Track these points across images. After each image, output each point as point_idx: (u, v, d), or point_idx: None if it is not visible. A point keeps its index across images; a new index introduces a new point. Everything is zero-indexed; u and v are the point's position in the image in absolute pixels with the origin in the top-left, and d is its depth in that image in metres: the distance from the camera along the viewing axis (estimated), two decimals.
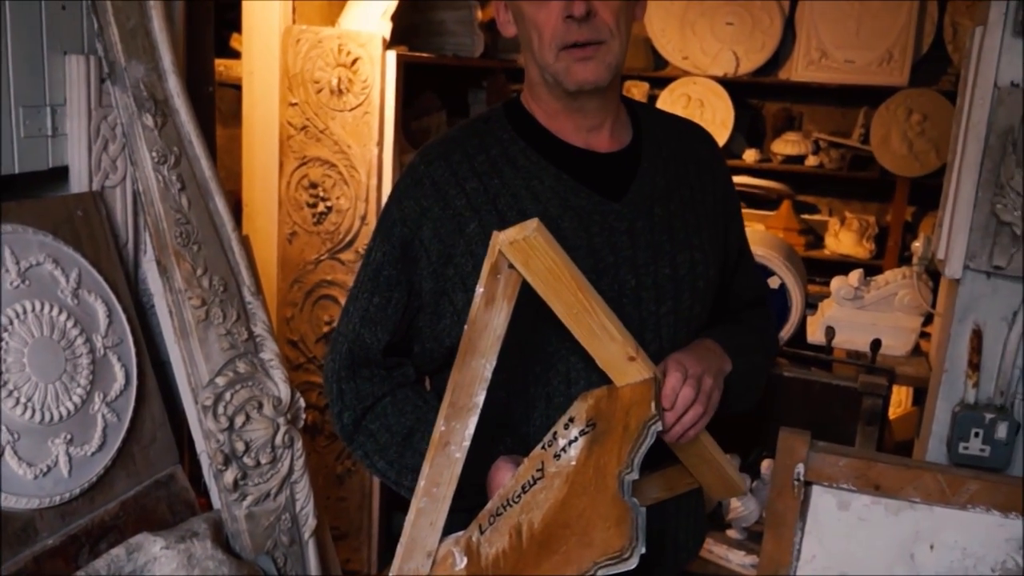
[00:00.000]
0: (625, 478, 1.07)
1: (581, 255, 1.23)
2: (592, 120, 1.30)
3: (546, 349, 1.26)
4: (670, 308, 1.29)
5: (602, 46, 1.21)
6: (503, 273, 1.12)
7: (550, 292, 1.11)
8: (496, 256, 1.12)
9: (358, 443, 1.34)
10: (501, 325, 1.14)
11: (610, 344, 1.15)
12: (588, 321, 1.13)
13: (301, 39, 2.64)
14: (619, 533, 1.02)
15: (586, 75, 1.22)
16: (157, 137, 1.67)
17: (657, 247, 1.29)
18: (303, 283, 2.84)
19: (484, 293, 1.13)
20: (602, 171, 1.31)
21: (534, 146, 1.30)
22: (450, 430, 1.16)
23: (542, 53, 1.23)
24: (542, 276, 1.10)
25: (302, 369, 2.89)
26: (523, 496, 1.16)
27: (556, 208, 1.25)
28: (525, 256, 1.08)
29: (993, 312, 1.45)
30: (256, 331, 1.79)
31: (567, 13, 1.19)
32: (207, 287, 1.69)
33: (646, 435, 1.10)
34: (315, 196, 2.75)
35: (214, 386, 1.69)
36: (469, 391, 1.15)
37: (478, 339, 1.14)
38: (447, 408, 1.16)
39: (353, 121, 2.67)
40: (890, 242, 4.43)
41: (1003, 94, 1.36)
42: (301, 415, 1.87)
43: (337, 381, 1.34)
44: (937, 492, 1.40)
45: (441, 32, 3.20)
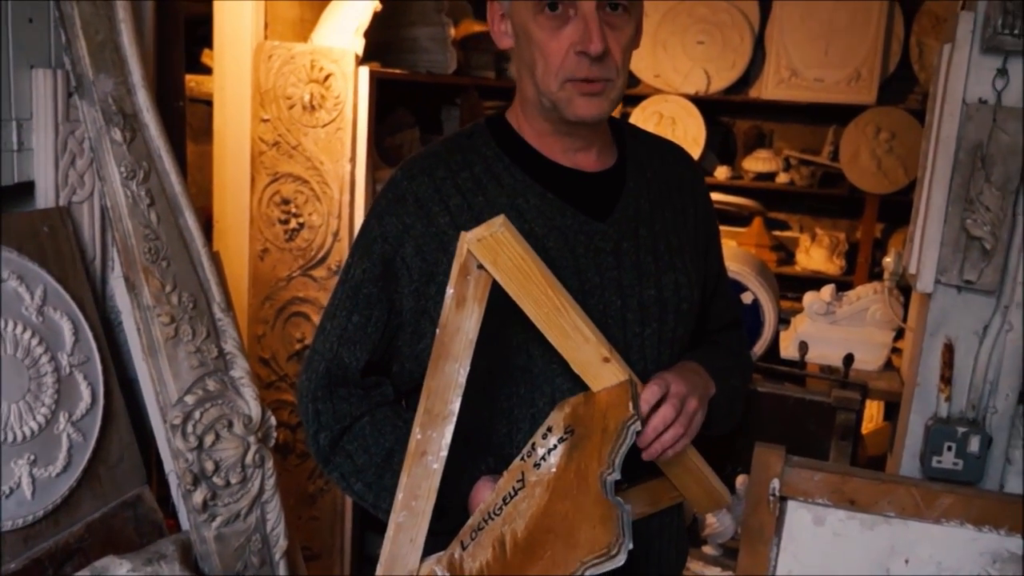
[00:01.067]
0: (607, 479, 1.06)
1: (567, 275, 1.21)
2: (581, 143, 1.29)
3: (532, 370, 1.24)
4: (655, 330, 1.28)
5: (608, 83, 1.20)
6: (472, 274, 1.11)
7: (520, 291, 1.10)
8: (464, 256, 1.10)
9: (335, 464, 1.30)
10: (473, 328, 1.12)
11: (584, 345, 1.14)
12: (560, 321, 1.12)
13: (273, 55, 2.62)
14: (605, 530, 1.02)
15: (590, 111, 1.20)
16: (126, 152, 1.65)
17: (642, 268, 1.28)
18: (275, 300, 2.81)
19: (454, 295, 1.12)
20: (588, 191, 1.29)
21: (519, 164, 1.28)
22: (426, 439, 1.14)
23: (546, 80, 1.20)
24: (511, 274, 1.09)
25: (273, 387, 2.86)
26: (504, 508, 1.15)
27: (541, 227, 1.24)
28: (493, 254, 1.08)
29: (964, 326, 1.46)
30: (226, 348, 1.76)
31: (581, 49, 1.16)
32: (176, 304, 1.66)
33: (625, 435, 1.09)
34: (287, 212, 2.72)
35: (183, 404, 1.66)
36: (444, 398, 1.14)
37: (450, 343, 1.13)
38: (422, 416, 1.14)
39: (326, 137, 2.65)
40: (860, 258, 4.48)
41: (971, 110, 1.38)
42: (272, 434, 1.85)
43: (313, 401, 1.30)
44: (911, 506, 1.40)
45: (414, 49, 3.19)
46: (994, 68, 1.38)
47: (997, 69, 1.37)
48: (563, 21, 1.17)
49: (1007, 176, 1.36)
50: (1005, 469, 1.52)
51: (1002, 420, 1.48)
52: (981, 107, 1.37)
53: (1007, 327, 1.43)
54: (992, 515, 1.39)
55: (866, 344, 2.10)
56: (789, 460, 1.48)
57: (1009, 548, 1.41)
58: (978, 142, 1.37)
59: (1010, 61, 1.36)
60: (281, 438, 2.79)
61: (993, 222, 1.36)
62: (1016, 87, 1.37)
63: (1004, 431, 1.49)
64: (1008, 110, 1.36)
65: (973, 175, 1.36)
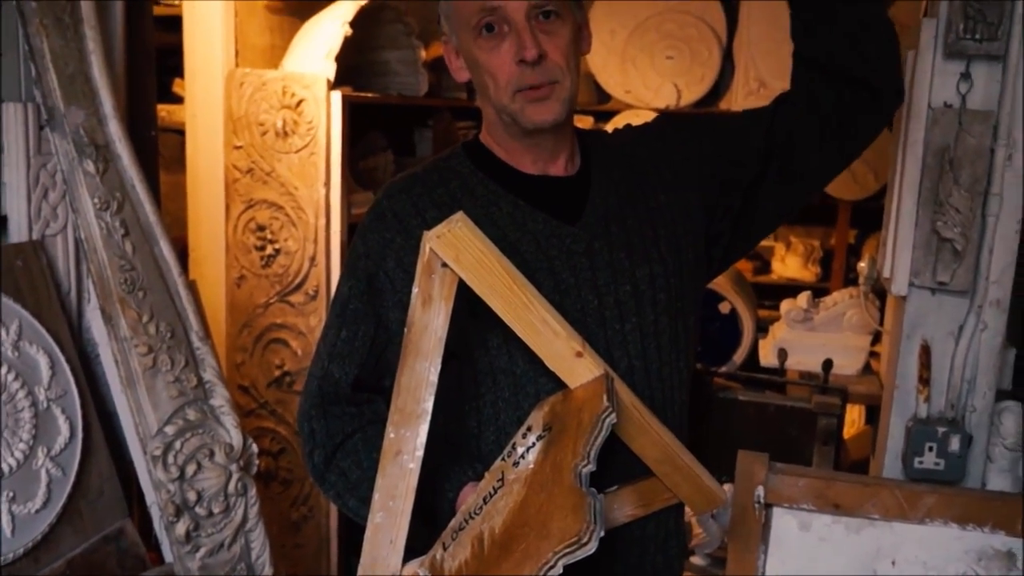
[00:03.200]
0: (582, 470, 1.06)
1: (542, 277, 1.24)
2: (548, 152, 1.33)
3: (515, 372, 1.26)
4: (634, 325, 1.30)
5: (556, 85, 1.24)
6: (437, 272, 1.12)
7: (484, 287, 1.11)
8: (427, 254, 1.12)
9: (329, 482, 1.33)
10: (441, 327, 1.13)
11: (554, 340, 1.15)
12: (528, 316, 1.13)
13: (245, 82, 2.62)
14: (575, 519, 1.02)
15: (543, 115, 1.25)
16: (99, 183, 1.64)
17: (616, 266, 1.30)
18: (253, 327, 2.79)
19: (419, 293, 1.13)
20: (558, 196, 1.33)
21: (492, 177, 1.32)
22: (400, 438, 1.15)
23: (498, 96, 1.26)
24: (474, 270, 1.10)
25: (254, 415, 2.84)
26: (484, 507, 1.15)
27: (514, 233, 1.27)
28: (455, 251, 1.09)
29: (940, 327, 1.47)
30: (206, 377, 1.75)
31: (519, 58, 1.22)
32: (154, 334, 1.65)
33: (600, 428, 1.09)
34: (263, 239, 2.72)
35: (163, 435, 1.64)
36: (416, 396, 1.14)
37: (419, 341, 1.14)
38: (395, 415, 1.15)
39: (299, 162, 2.65)
40: (835, 264, 4.51)
41: (937, 114, 1.40)
42: (254, 461, 1.83)
43: (308, 420, 1.33)
44: (895, 508, 1.41)
45: (385, 72, 3.21)
46: (957, 73, 1.40)
47: (960, 73, 1.40)
48: (500, 39, 1.23)
49: (975, 178, 1.38)
50: (986, 467, 1.53)
51: (981, 418, 1.50)
52: (947, 111, 1.40)
53: (982, 326, 1.45)
54: (976, 513, 1.40)
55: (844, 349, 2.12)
56: (772, 467, 1.48)
57: (994, 545, 1.42)
58: (945, 145, 1.39)
59: (973, 65, 1.39)
60: (263, 466, 2.77)
61: (963, 224, 1.38)
62: (980, 90, 1.40)
63: (983, 429, 1.50)
64: (973, 113, 1.39)
65: (942, 178, 1.39)
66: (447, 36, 1.32)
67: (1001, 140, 1.39)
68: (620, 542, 1.30)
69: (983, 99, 1.40)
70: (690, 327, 1.37)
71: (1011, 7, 1.34)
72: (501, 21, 1.22)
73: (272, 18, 2.88)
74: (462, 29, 1.26)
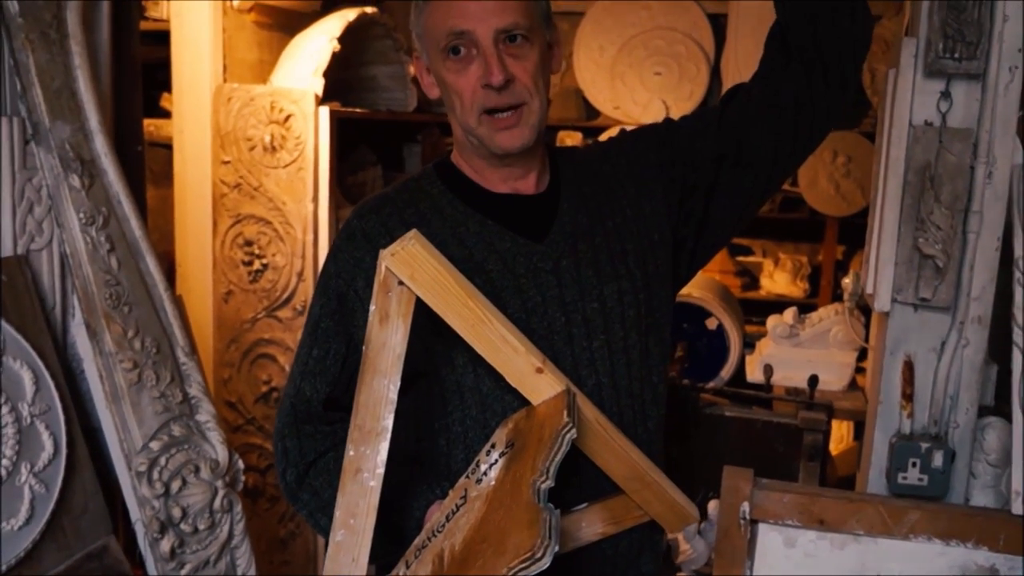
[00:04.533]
0: (540, 486, 1.06)
1: (508, 295, 1.25)
2: (517, 171, 1.34)
3: (481, 390, 1.26)
4: (603, 342, 1.30)
5: (523, 108, 1.24)
6: (393, 291, 1.13)
7: (441, 304, 1.11)
8: (383, 272, 1.12)
9: (302, 501, 1.33)
10: (399, 344, 1.14)
11: (514, 357, 1.15)
12: (486, 333, 1.13)
13: (233, 97, 2.62)
14: (530, 534, 1.02)
15: (511, 142, 1.25)
16: (84, 198, 1.64)
17: (583, 283, 1.30)
18: (240, 343, 2.78)
19: (376, 311, 1.14)
20: (527, 214, 1.33)
21: (461, 197, 1.32)
22: (360, 456, 1.14)
23: (464, 117, 1.26)
24: (430, 288, 1.11)
25: (241, 431, 2.82)
26: (447, 524, 1.16)
27: (481, 252, 1.28)
28: (410, 268, 1.10)
29: (923, 343, 1.48)
30: (191, 392, 1.74)
31: (485, 82, 1.22)
32: (139, 349, 1.65)
33: (560, 443, 1.09)
34: (250, 254, 2.71)
35: (148, 451, 1.64)
36: (375, 413, 1.14)
37: (377, 358, 1.14)
38: (354, 432, 1.15)
39: (287, 178, 2.65)
40: (823, 281, 4.53)
41: (918, 132, 1.42)
42: (240, 477, 1.83)
43: (282, 439, 1.34)
44: (880, 523, 1.42)
45: (374, 88, 3.22)
46: (937, 91, 1.42)
47: (940, 92, 1.41)
48: (467, 62, 1.23)
49: (955, 195, 1.40)
50: (969, 482, 1.54)
51: (964, 434, 1.50)
52: (927, 129, 1.41)
53: (964, 342, 1.46)
54: (959, 529, 1.40)
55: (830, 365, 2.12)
56: (758, 483, 1.49)
57: (977, 561, 1.42)
58: (926, 163, 1.40)
59: (953, 84, 1.40)
60: (251, 482, 2.76)
61: (944, 240, 1.39)
62: (960, 109, 1.41)
63: (966, 445, 1.51)
64: (953, 131, 1.40)
65: (923, 195, 1.40)
66: (419, 53, 1.32)
67: (981, 158, 1.40)
68: (591, 560, 1.29)
69: (963, 117, 1.41)
70: (663, 340, 1.37)
71: (990, 27, 1.35)
72: (469, 44, 1.22)
73: (260, 33, 2.88)
74: (431, 48, 1.27)
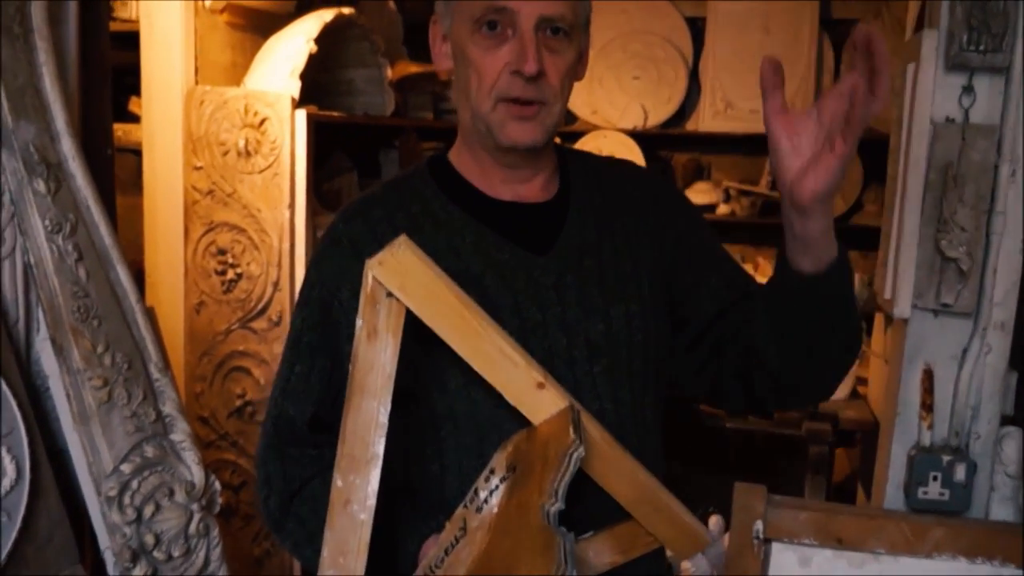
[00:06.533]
0: (550, 509, 0.98)
1: (506, 315, 1.15)
2: (523, 173, 1.24)
3: (477, 417, 1.16)
4: (606, 367, 1.20)
5: (544, 107, 1.15)
6: (382, 303, 1.04)
7: (434, 316, 1.04)
8: (371, 283, 1.04)
9: (287, 532, 1.22)
10: (389, 362, 1.05)
11: (512, 371, 1.07)
12: (483, 346, 1.05)
13: (205, 100, 2.52)
14: (545, 561, 0.94)
15: (523, 136, 1.16)
16: (50, 203, 1.53)
17: (588, 302, 1.20)
18: (213, 355, 2.68)
19: (364, 326, 1.05)
20: (529, 224, 1.23)
21: (456, 201, 1.23)
22: (349, 486, 1.05)
23: (478, 99, 1.16)
24: (422, 299, 1.03)
25: (214, 447, 2.72)
26: (446, 559, 1.07)
27: (478, 265, 1.18)
28: (400, 278, 1.03)
29: (942, 351, 1.42)
30: (165, 411, 1.64)
31: (515, 68, 1.12)
32: (109, 365, 1.54)
33: (568, 463, 1.01)
34: (224, 263, 2.61)
35: (119, 474, 1.53)
36: (365, 440, 1.05)
37: (365, 379, 1.05)
38: (342, 460, 1.06)
39: (262, 184, 2.55)
40: None
41: (939, 129, 1.35)
42: (216, 500, 1.72)
43: (264, 464, 1.23)
44: (902, 542, 1.35)
45: (351, 91, 3.13)
46: (959, 86, 1.35)
47: (963, 87, 1.35)
48: (500, 40, 1.14)
49: (979, 195, 1.33)
50: (989, 496, 1.47)
51: (985, 445, 1.44)
52: (949, 125, 1.35)
53: (986, 349, 1.40)
54: (985, 546, 1.34)
55: None
56: (771, 500, 1.41)
57: None
58: (948, 161, 1.34)
59: (976, 78, 1.34)
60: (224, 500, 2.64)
61: (969, 243, 1.32)
62: (983, 104, 1.35)
63: (987, 457, 1.45)
64: (977, 128, 1.34)
65: (946, 195, 1.33)
66: (439, 17, 1.22)
67: (1005, 156, 1.34)
68: None
69: (986, 113, 1.35)
70: (664, 369, 1.28)
71: (1014, 17, 1.29)
72: (507, 23, 1.12)
73: (233, 35, 2.78)
74: (461, 16, 1.16)
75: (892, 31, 4.37)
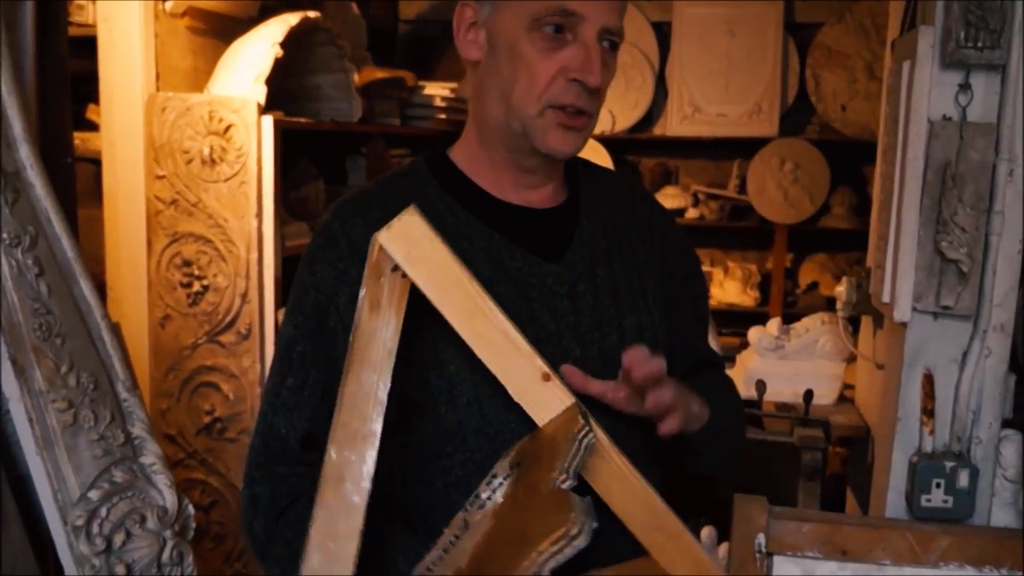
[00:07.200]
0: (560, 485, 0.94)
1: (520, 323, 1.09)
2: (537, 178, 1.19)
3: (488, 432, 1.10)
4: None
5: (590, 121, 1.13)
6: (386, 276, 1.02)
7: (440, 292, 1.02)
8: (376, 254, 1.02)
9: (273, 557, 1.14)
10: (391, 337, 1.01)
11: (516, 359, 1.02)
12: (487, 329, 1.02)
13: (167, 107, 2.44)
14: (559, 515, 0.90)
15: (564, 145, 1.13)
16: (8, 215, 1.45)
17: (602, 312, 1.16)
18: (179, 371, 2.59)
19: (366, 296, 1.02)
20: (539, 230, 1.19)
21: (462, 203, 1.17)
22: (343, 461, 0.99)
23: (524, 101, 1.10)
24: (429, 271, 1.01)
25: (182, 466, 2.63)
26: (446, 557, 1.01)
27: (489, 271, 1.12)
28: (406, 245, 1.01)
29: (943, 354, 1.39)
30: (134, 432, 1.55)
31: (576, 76, 1.08)
32: (74, 386, 1.45)
33: (577, 446, 0.97)
34: (189, 275, 2.53)
35: (86, 501, 1.44)
36: (363, 413, 1.00)
37: (366, 348, 1.01)
38: (337, 430, 1.00)
39: (228, 192, 2.48)
40: (774, 288, 4.51)
41: (936, 128, 1.32)
42: (190, 524, 1.64)
43: (250, 485, 1.15)
44: (908, 552, 1.31)
45: (317, 97, 3.06)
46: (955, 84, 1.33)
47: (959, 84, 1.32)
48: (561, 45, 1.09)
49: (978, 195, 1.31)
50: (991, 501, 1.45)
51: (987, 450, 1.41)
52: (946, 124, 1.32)
53: (986, 352, 1.37)
54: (992, 554, 1.30)
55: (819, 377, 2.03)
56: (772, 512, 1.37)
57: None
58: (946, 161, 1.31)
59: (973, 75, 1.31)
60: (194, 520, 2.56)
61: (969, 243, 1.30)
62: (979, 102, 1.32)
63: (989, 461, 1.42)
64: (975, 126, 1.31)
65: (945, 195, 1.30)
66: (474, 2, 1.14)
67: (1003, 155, 1.31)
68: None
69: (982, 111, 1.33)
70: None
71: (1012, 14, 1.27)
72: (570, 28, 1.08)
73: (195, 39, 2.70)
74: (513, 10, 1.10)
75: (855, 33, 4.39)
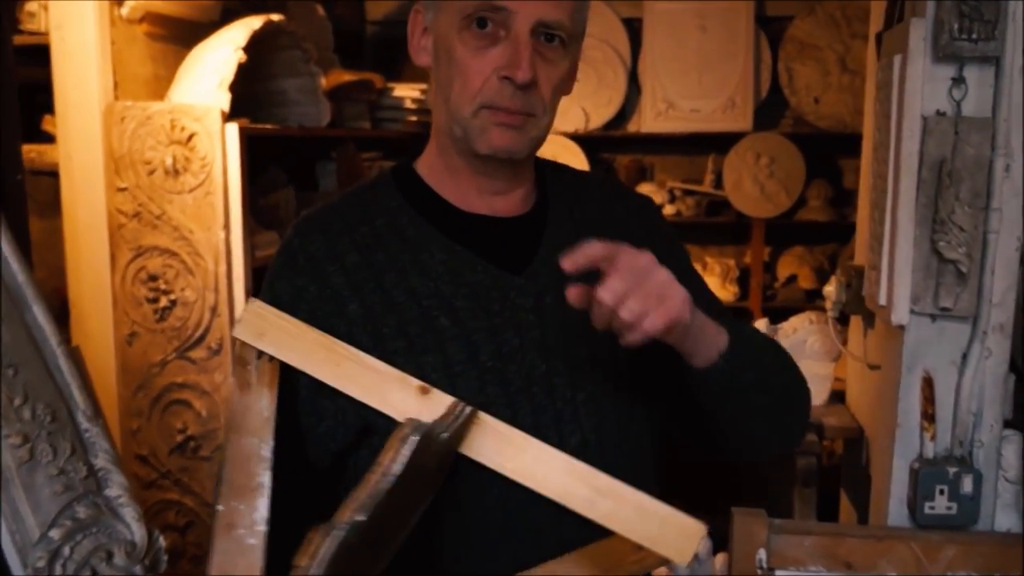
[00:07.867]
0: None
1: (481, 339, 1.05)
2: (499, 184, 1.13)
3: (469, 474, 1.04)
4: (589, 394, 1.09)
5: (531, 119, 1.06)
6: (252, 364, 1.06)
7: (301, 356, 1.05)
8: (238, 347, 1.07)
9: None
10: (267, 407, 1.05)
11: (389, 386, 1.03)
12: (355, 371, 1.03)
13: (127, 116, 2.35)
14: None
15: (504, 142, 1.05)
16: None
17: (569, 325, 1.09)
18: (149, 389, 2.50)
19: (236, 380, 1.07)
20: (504, 240, 1.13)
21: (425, 215, 1.12)
22: (232, 511, 1.01)
23: (459, 103, 1.05)
24: (284, 341, 1.05)
25: (156, 486, 2.54)
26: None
27: (448, 285, 1.07)
28: (259, 329, 1.05)
29: (942, 357, 1.34)
30: (97, 464, 1.47)
31: (505, 74, 1.02)
32: (29, 419, 1.37)
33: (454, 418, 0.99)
34: (156, 290, 2.44)
35: (48, 542, 1.36)
36: (246, 469, 1.03)
37: (242, 421, 1.05)
38: (222, 487, 1.03)
39: (194, 203, 2.39)
40: (753, 283, 4.48)
41: (930, 124, 1.27)
42: (162, 558, 1.55)
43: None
44: (914, 563, 1.26)
45: (284, 102, 2.98)
46: (948, 78, 1.27)
47: (952, 78, 1.27)
48: (491, 41, 1.03)
49: (975, 192, 1.26)
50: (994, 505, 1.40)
51: (988, 453, 1.37)
52: (941, 119, 1.27)
53: (986, 353, 1.32)
54: (999, 562, 1.26)
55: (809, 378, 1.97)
56: (773, 525, 1.31)
57: None
58: (941, 157, 1.26)
59: (967, 68, 1.26)
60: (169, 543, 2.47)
61: (968, 242, 1.25)
62: (974, 96, 1.27)
63: (992, 465, 1.37)
64: (970, 121, 1.26)
65: (941, 193, 1.25)
66: (422, 7, 1.11)
67: (999, 150, 1.26)
68: None
69: (977, 105, 1.27)
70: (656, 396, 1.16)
71: (1006, 4, 1.22)
72: (500, 23, 1.02)
73: (154, 46, 2.60)
74: (447, 10, 1.06)
75: (827, 26, 4.37)
